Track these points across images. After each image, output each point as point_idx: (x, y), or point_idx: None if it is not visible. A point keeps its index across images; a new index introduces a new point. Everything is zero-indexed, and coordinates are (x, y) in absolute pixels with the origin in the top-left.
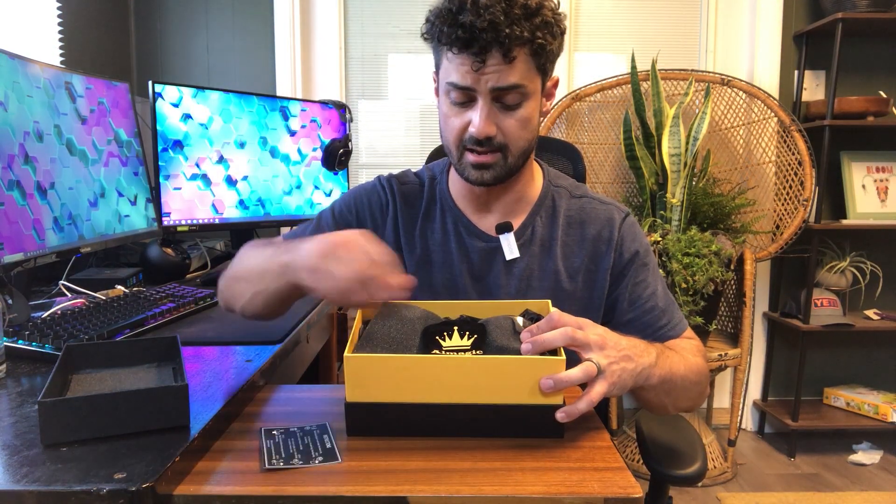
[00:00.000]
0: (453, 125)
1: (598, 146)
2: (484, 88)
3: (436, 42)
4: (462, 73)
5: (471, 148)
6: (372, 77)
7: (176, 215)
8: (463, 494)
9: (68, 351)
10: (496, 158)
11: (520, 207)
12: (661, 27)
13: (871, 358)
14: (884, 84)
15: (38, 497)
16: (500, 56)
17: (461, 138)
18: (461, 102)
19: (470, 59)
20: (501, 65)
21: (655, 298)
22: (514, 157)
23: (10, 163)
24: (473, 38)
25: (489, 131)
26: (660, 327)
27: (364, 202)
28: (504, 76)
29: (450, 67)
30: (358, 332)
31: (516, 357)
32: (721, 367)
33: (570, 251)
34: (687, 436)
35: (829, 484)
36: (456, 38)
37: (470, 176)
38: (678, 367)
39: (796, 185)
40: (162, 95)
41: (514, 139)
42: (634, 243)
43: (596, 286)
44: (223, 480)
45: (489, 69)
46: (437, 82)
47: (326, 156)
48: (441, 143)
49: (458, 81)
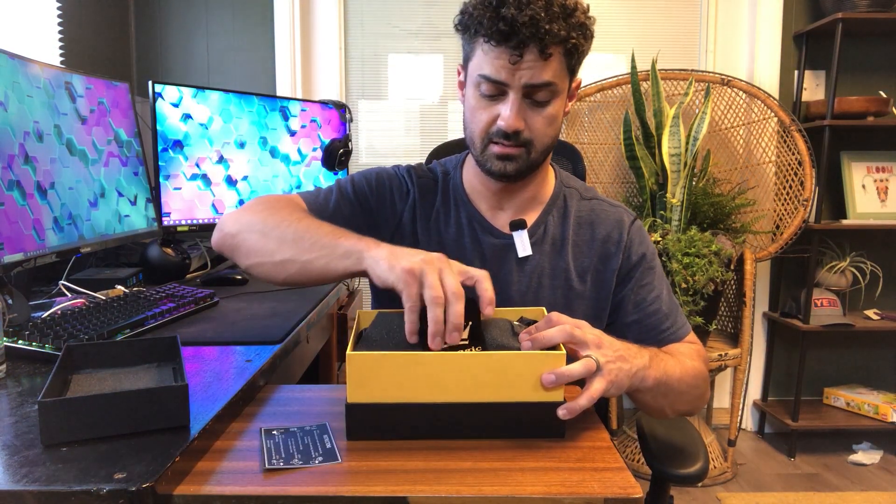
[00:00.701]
0: (480, 118)
1: (598, 146)
2: (517, 84)
3: (471, 33)
4: (497, 66)
5: (496, 140)
6: (372, 77)
7: (176, 215)
8: (463, 494)
9: (68, 351)
10: (520, 152)
11: (532, 206)
12: (661, 27)
13: (871, 358)
14: (884, 84)
15: (38, 497)
16: (536, 52)
17: (487, 131)
18: (491, 95)
19: (507, 52)
20: (537, 61)
21: (660, 302)
22: (538, 154)
23: (10, 163)
24: (513, 32)
25: (518, 126)
26: (662, 330)
27: (386, 184)
28: (538, 73)
29: (484, 60)
30: (354, 339)
31: (519, 352)
32: (721, 367)
33: (580, 251)
34: (688, 435)
35: (829, 484)
36: (496, 31)
37: (493, 167)
38: (674, 371)
39: (796, 185)
40: (162, 95)
41: (540, 136)
42: (642, 247)
43: (603, 286)
44: (223, 480)
45: (525, 65)
46: (461, 74)
47: (326, 156)
48: (442, 143)
49: (491, 74)
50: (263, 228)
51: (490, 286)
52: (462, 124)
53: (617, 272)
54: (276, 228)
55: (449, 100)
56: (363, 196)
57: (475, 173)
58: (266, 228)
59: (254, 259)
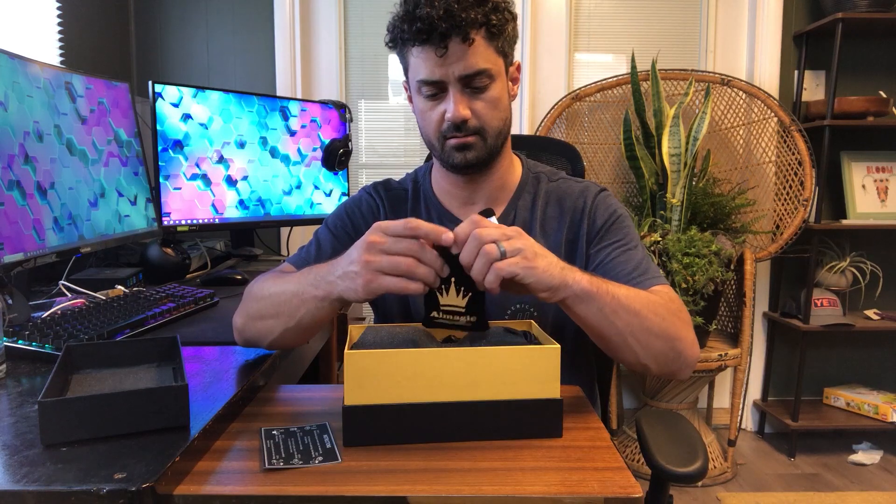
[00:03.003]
0: (430, 119)
1: (598, 146)
2: (452, 77)
3: (399, 45)
4: (429, 67)
5: (450, 135)
6: (372, 77)
7: (176, 215)
8: (463, 494)
9: (68, 351)
10: (475, 140)
11: (502, 196)
12: (661, 27)
13: (871, 358)
14: (884, 84)
15: (38, 497)
16: (459, 41)
17: (439, 129)
18: (433, 95)
19: (433, 49)
20: (463, 50)
21: (628, 254)
22: (492, 138)
23: (10, 163)
24: (433, 28)
25: (465, 114)
26: (628, 272)
27: (356, 212)
28: (468, 62)
29: (417, 64)
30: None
31: (515, 347)
32: (721, 367)
33: (550, 228)
34: (687, 434)
35: (829, 484)
36: (417, 31)
37: (454, 159)
38: (619, 291)
39: (796, 185)
40: (162, 95)
41: (488, 119)
42: (608, 210)
43: (577, 257)
44: (223, 480)
45: (452, 57)
46: (408, 88)
47: (326, 156)
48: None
49: (427, 76)
50: (256, 314)
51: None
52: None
53: (585, 237)
54: (263, 308)
55: None
56: (340, 229)
57: (443, 175)
58: (256, 313)
59: (266, 340)
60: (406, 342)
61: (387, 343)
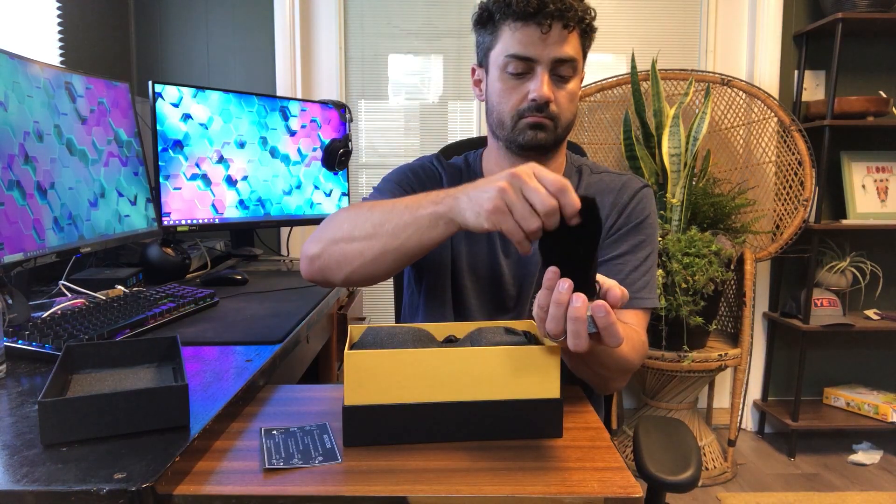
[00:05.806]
0: (510, 98)
1: (598, 146)
2: (546, 58)
3: (496, 20)
4: (526, 43)
5: (529, 114)
6: (372, 77)
7: (176, 215)
8: (463, 494)
9: (68, 351)
10: (550, 124)
11: None
12: (661, 27)
13: (871, 358)
14: (884, 84)
15: (38, 497)
16: (561, 26)
17: (517, 108)
18: (519, 73)
19: (537, 27)
20: (562, 35)
21: (639, 260)
22: (562, 128)
23: (10, 163)
24: (542, 6)
25: (550, 96)
26: (627, 275)
27: (420, 173)
28: (564, 47)
29: (511, 40)
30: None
31: (515, 347)
32: (721, 367)
33: None
34: (683, 442)
35: (829, 484)
36: (525, 6)
37: (526, 136)
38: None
39: (796, 185)
40: (162, 95)
41: (564, 111)
42: (642, 210)
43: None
44: (223, 480)
45: (552, 38)
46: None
47: (326, 156)
48: (454, 142)
49: (520, 52)
50: (344, 235)
51: (575, 195)
52: (485, 114)
53: (613, 227)
54: (356, 229)
55: (449, 100)
56: (406, 184)
57: (495, 161)
58: (346, 234)
59: (347, 268)
60: (406, 342)
61: (387, 343)
